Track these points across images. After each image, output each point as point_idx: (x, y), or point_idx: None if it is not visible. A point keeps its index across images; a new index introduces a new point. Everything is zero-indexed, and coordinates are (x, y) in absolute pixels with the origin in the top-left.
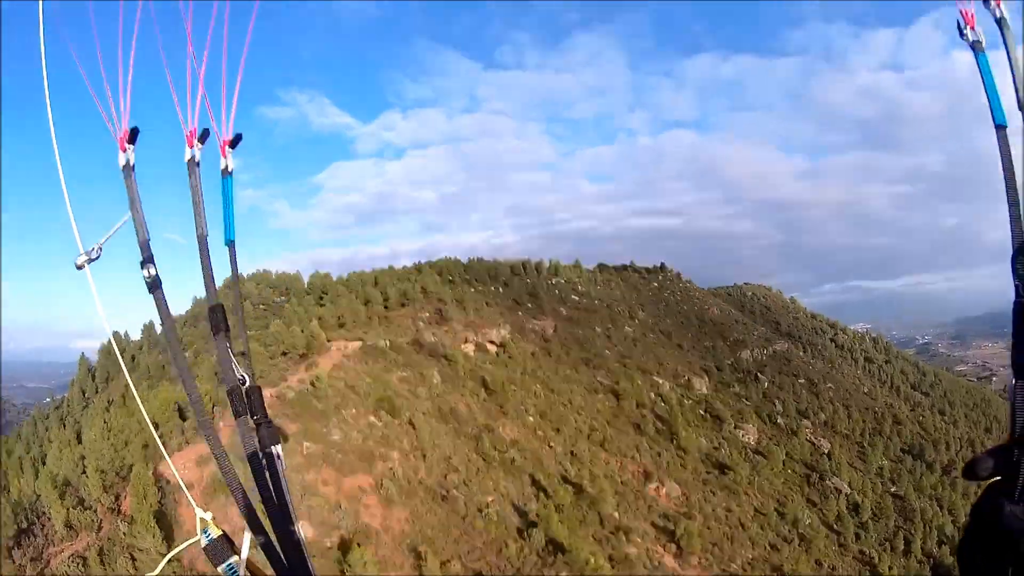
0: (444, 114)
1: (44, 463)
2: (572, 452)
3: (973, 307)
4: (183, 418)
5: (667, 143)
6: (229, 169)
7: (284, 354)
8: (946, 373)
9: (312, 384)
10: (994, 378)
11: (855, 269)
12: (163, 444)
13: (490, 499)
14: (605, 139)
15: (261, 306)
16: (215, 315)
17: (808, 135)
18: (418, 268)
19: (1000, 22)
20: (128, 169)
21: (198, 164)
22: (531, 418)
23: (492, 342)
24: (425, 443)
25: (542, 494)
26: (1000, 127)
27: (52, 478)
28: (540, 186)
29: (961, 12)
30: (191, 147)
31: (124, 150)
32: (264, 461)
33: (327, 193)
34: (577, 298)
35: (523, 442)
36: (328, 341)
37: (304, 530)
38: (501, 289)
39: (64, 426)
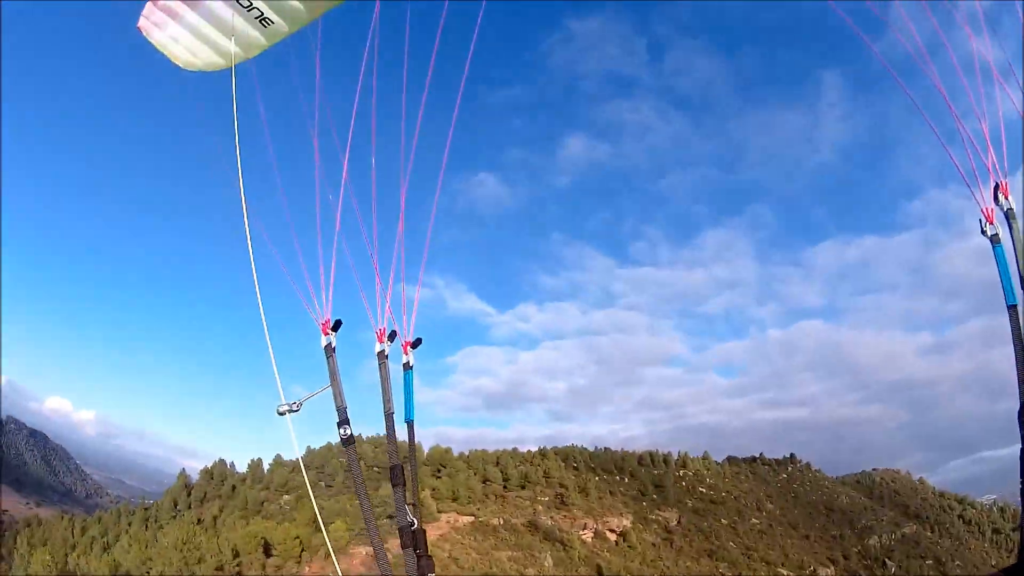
0: (578, 307)
1: (109, 550)
2: None
3: None
4: (267, 554)
5: (796, 334)
6: (410, 364)
7: (389, 517)
8: None
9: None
10: None
11: (984, 440)
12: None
13: None
14: (736, 333)
15: (375, 468)
16: (395, 473)
17: (930, 308)
18: (542, 452)
19: (1008, 214)
20: (330, 349)
21: (387, 357)
22: None
23: (613, 530)
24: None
25: None
26: (1012, 307)
27: (114, 565)
28: (670, 380)
29: (983, 211)
30: (380, 342)
31: (327, 334)
32: None
33: (459, 375)
34: (704, 490)
35: None
36: (438, 512)
37: None
38: (627, 479)
39: (146, 527)
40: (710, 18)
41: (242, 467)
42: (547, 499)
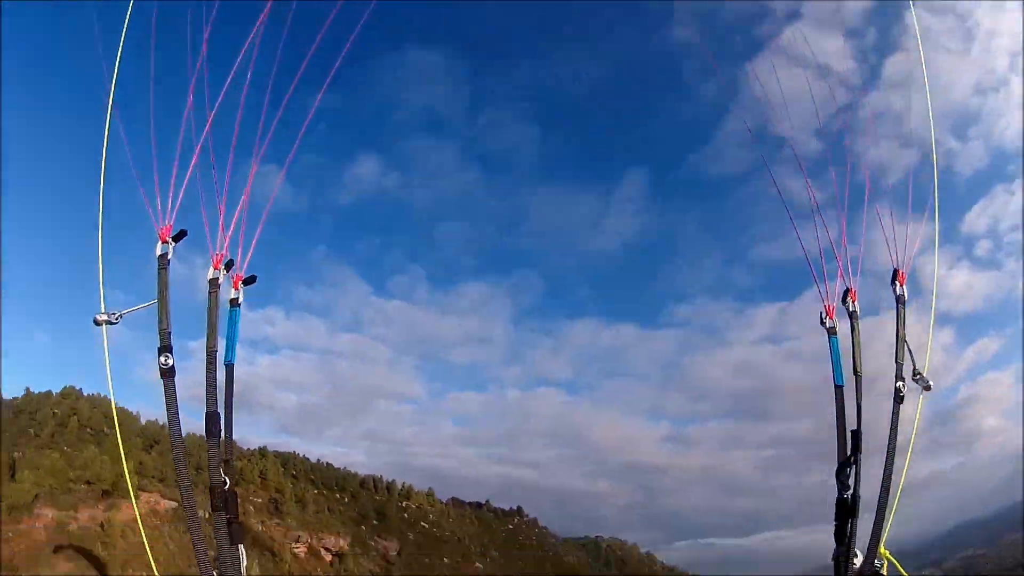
0: (326, 325)
1: None
2: None
3: (824, 558)
4: None
5: (535, 399)
6: (239, 301)
7: (88, 483)
8: None
9: (102, 527)
10: None
11: (713, 527)
12: None
13: None
14: (477, 386)
15: (88, 430)
16: (212, 422)
17: (677, 403)
18: (262, 452)
19: (852, 315)
20: (164, 259)
21: (219, 287)
22: None
23: (328, 549)
24: None
25: None
26: (838, 387)
27: None
28: (403, 418)
29: (825, 307)
30: (215, 268)
31: (164, 241)
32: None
33: (195, 363)
34: (427, 526)
35: None
36: (141, 491)
37: None
38: (347, 499)
39: None
40: (539, 89)
41: None
42: (260, 501)
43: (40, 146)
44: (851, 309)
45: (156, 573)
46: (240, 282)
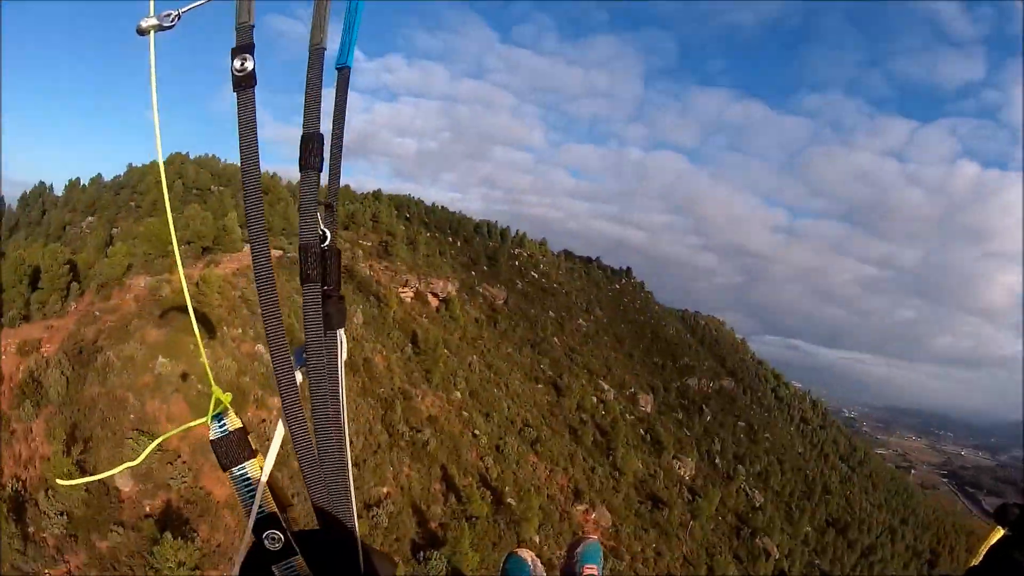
0: (448, 71)
1: None
2: (498, 447)
3: (903, 399)
4: (34, 287)
5: (656, 161)
6: None
7: (188, 243)
8: (875, 454)
9: (196, 285)
10: (913, 471)
11: (802, 330)
12: None
13: (385, 491)
14: (597, 140)
15: (194, 190)
16: (309, 146)
17: (795, 195)
18: (376, 195)
19: None
20: None
21: None
22: (458, 393)
23: (435, 294)
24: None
25: (453, 497)
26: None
27: None
28: (519, 165)
29: None
30: None
31: None
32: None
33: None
34: (536, 275)
35: (443, 421)
36: (246, 242)
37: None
38: (459, 243)
39: None
40: None
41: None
42: (370, 244)
43: None
44: None
45: None
46: None
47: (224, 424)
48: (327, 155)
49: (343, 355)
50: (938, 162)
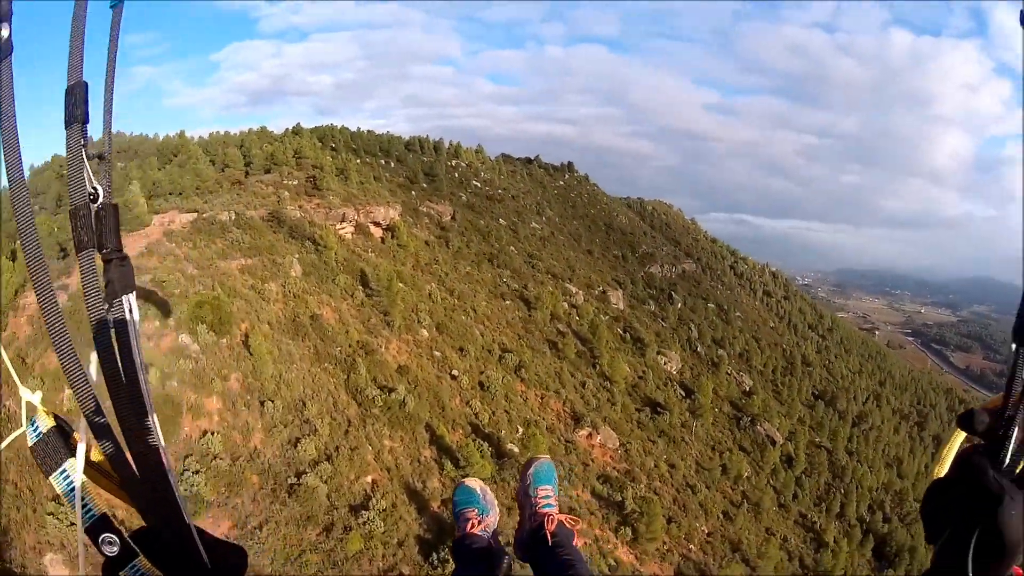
0: (357, 2)
1: None
2: (481, 383)
3: (856, 262)
4: None
5: (577, 57)
6: None
7: None
8: (840, 319)
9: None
10: (877, 332)
11: (746, 204)
12: None
13: (371, 481)
14: (515, 43)
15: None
16: (74, 97)
17: (726, 73)
18: (295, 131)
19: None
20: None
21: None
22: (425, 331)
23: (377, 224)
24: (266, 382)
25: (448, 461)
26: None
27: None
28: (440, 79)
29: None
30: None
31: None
32: (111, 318)
33: (224, 71)
34: (479, 184)
35: (415, 370)
36: (156, 214)
37: None
38: (393, 163)
39: None
40: None
41: None
42: (296, 184)
43: None
44: None
45: None
46: None
47: (38, 427)
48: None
49: (135, 323)
50: (869, 31)
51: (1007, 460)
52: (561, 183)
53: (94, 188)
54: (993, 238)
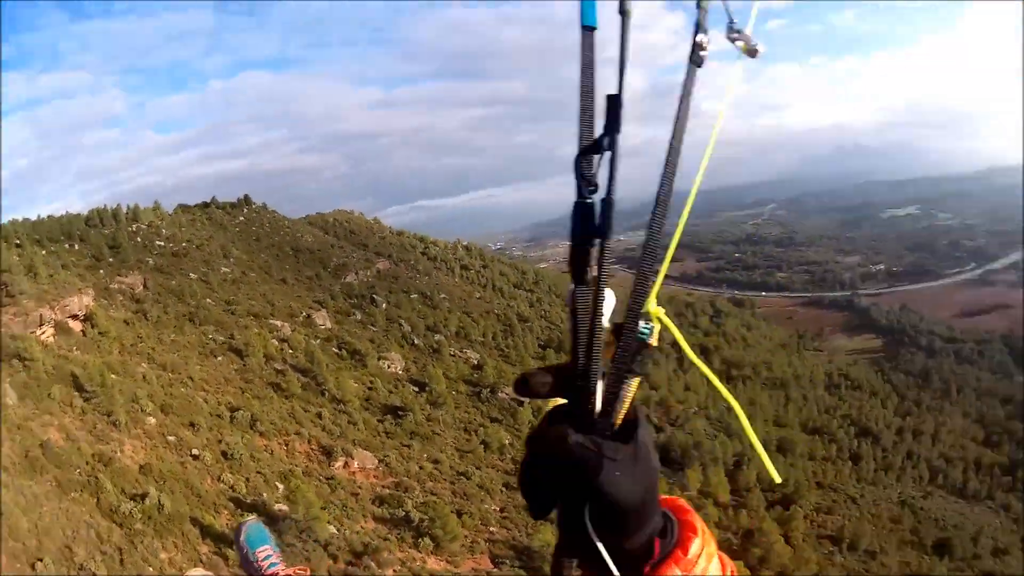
0: (25, 77)
1: None
2: (224, 453)
3: (546, 214)
4: None
5: (239, 86)
6: None
7: None
8: (542, 269)
9: None
10: None
11: (421, 190)
12: None
13: None
14: (177, 86)
15: None
16: None
17: (385, 66)
18: None
19: None
20: None
21: None
22: (151, 418)
23: (75, 316)
24: (26, 540)
25: (227, 548)
26: (588, 30)
27: None
28: (108, 144)
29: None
30: None
31: None
32: None
33: None
34: (163, 243)
35: (156, 463)
36: None
37: None
38: (77, 245)
39: None
40: None
41: None
42: None
43: None
44: None
45: None
46: None
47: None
48: None
49: None
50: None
51: (596, 417)
52: (241, 219)
53: None
54: None
